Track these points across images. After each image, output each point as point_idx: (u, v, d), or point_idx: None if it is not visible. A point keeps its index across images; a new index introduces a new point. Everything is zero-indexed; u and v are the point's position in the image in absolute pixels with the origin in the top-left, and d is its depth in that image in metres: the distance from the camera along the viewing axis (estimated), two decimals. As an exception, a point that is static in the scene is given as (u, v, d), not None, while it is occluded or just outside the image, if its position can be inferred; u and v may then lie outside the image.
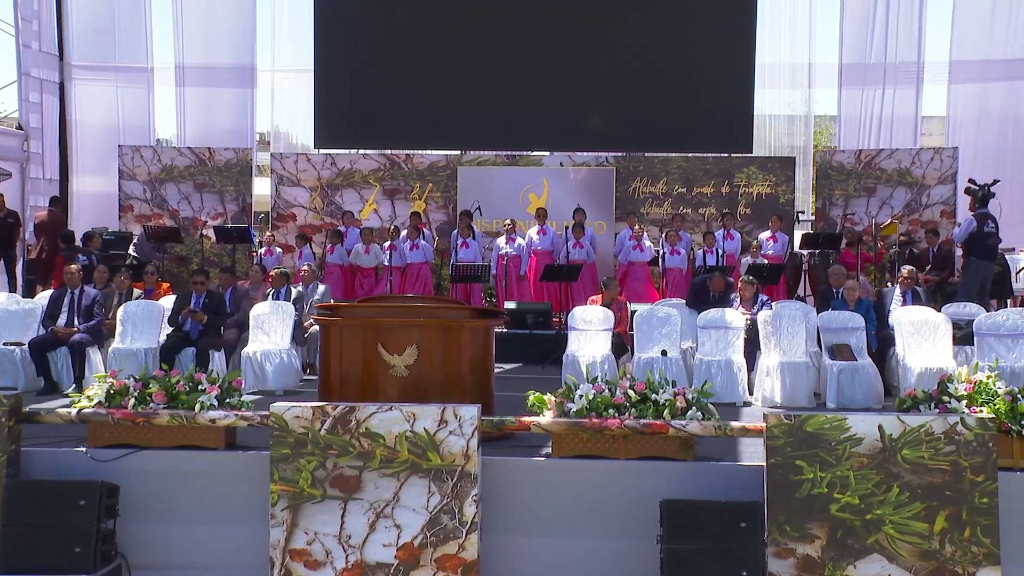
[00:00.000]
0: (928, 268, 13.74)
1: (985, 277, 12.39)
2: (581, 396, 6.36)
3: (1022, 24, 16.36)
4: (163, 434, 6.41)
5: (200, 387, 6.48)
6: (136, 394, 6.40)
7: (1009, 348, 9.03)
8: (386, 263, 13.55)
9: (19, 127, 16.38)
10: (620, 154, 16.27)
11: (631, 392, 6.37)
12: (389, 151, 16.35)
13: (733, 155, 16.19)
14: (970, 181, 12.57)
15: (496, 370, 11.36)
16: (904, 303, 10.39)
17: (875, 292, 11.80)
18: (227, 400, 6.49)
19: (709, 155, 16.26)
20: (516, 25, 15.58)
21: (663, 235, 14.45)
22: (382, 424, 6.03)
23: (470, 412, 6.06)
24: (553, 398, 6.49)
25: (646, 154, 16.32)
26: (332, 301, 10.89)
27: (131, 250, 14.62)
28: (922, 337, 9.23)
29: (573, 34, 15.57)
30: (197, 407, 6.35)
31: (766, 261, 13.73)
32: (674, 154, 16.28)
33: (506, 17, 15.58)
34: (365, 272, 14.30)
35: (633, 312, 10.47)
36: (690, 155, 16.26)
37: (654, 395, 6.37)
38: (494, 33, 15.59)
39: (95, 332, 9.63)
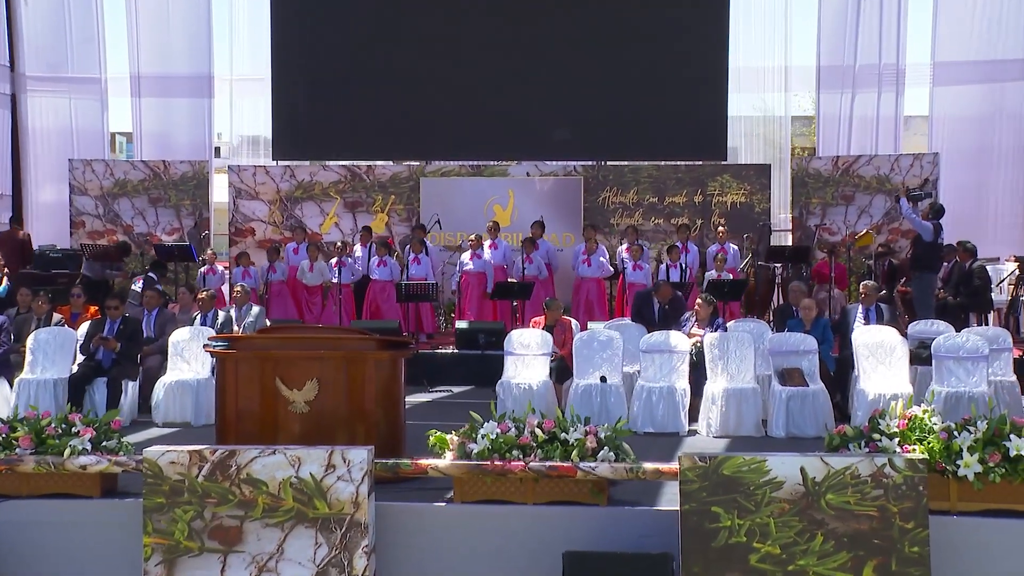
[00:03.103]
0: (904, 280, 13.22)
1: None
2: (483, 436, 5.87)
3: (1006, 24, 15.84)
4: (31, 482, 5.95)
5: (74, 430, 5.99)
6: (0, 439, 5.92)
7: (969, 371, 8.42)
8: (334, 280, 12.96)
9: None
10: (589, 163, 15.77)
11: (538, 431, 5.88)
12: (350, 162, 15.86)
13: (706, 163, 15.66)
14: (910, 189, 12.48)
15: (443, 393, 11.12)
16: (867, 321, 9.82)
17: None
18: (103, 443, 6.00)
19: (681, 163, 15.76)
20: (480, 32, 15.09)
21: (623, 247, 13.72)
22: (265, 469, 5.61)
23: (360, 456, 5.62)
24: (455, 438, 6.00)
25: (616, 163, 15.80)
26: (268, 324, 10.39)
27: (83, 269, 14.04)
28: (878, 360, 8.65)
29: (539, 39, 15.06)
30: (67, 452, 5.87)
31: (731, 276, 13.10)
32: (645, 162, 15.76)
33: (469, 24, 15.10)
34: (311, 291, 13.67)
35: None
36: (661, 163, 15.77)
37: (564, 434, 5.88)
38: (457, 40, 15.09)
39: (1, 362, 9.12)
